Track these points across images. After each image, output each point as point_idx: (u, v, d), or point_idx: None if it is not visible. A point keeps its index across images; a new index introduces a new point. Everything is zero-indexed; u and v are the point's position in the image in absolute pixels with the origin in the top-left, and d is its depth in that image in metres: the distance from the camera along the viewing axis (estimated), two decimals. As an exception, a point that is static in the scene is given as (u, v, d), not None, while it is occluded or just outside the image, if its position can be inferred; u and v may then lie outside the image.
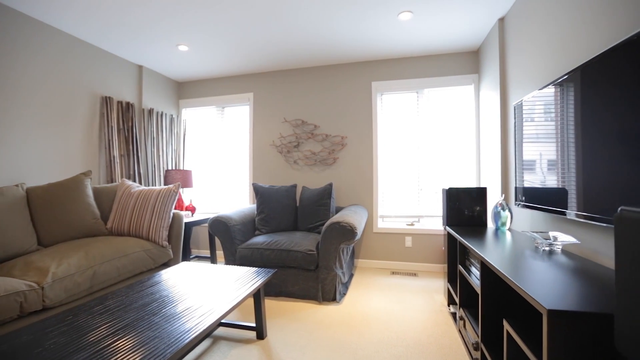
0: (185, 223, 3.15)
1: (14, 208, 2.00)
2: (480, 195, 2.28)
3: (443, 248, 3.22)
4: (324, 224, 2.85)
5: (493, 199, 2.71)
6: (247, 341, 1.84)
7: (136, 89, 3.49)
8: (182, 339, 1.10)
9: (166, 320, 1.24)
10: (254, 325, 1.91)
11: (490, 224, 2.81)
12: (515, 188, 2.04)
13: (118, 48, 3.08)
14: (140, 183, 3.33)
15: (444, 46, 3.09)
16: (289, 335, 1.91)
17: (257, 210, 3.02)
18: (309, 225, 2.98)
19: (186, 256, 3.40)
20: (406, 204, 3.41)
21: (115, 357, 0.98)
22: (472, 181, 3.22)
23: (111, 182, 3.04)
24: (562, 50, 1.69)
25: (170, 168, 3.78)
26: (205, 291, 1.58)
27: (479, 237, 1.84)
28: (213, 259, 3.35)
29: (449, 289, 2.26)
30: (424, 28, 2.72)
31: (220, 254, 3.90)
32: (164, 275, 1.85)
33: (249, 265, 2.58)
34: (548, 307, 0.85)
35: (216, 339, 1.86)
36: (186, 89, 4.09)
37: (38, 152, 2.52)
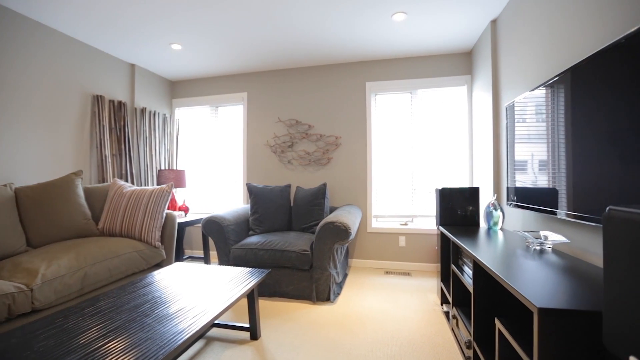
0: (179, 223, 3.12)
1: (1, 208, 1.96)
2: (473, 195, 2.31)
3: (436, 248, 3.25)
4: (318, 224, 2.85)
5: (485, 198, 2.74)
6: (241, 342, 1.83)
7: (128, 88, 3.44)
8: (175, 341, 1.09)
9: (159, 322, 1.23)
10: (247, 325, 1.90)
11: (483, 224, 2.84)
12: (507, 188, 2.07)
13: (111, 47, 3.04)
14: (132, 183, 3.29)
15: (438, 47, 3.11)
16: (283, 335, 1.91)
17: (251, 210, 3.01)
18: (303, 226, 2.98)
19: (179, 257, 3.37)
20: (400, 203, 3.43)
21: (106, 360, 0.97)
22: (465, 181, 3.25)
23: (103, 182, 3.00)
24: (553, 52, 1.72)
25: (163, 168, 3.75)
26: (199, 292, 1.57)
27: (471, 237, 1.86)
28: (206, 260, 3.33)
29: (442, 288, 2.28)
30: (417, 29, 2.74)
31: (213, 254, 3.87)
32: (157, 276, 1.83)
33: (243, 266, 2.56)
34: (539, 306, 0.86)
35: (210, 340, 1.85)
36: (179, 88, 4.05)
37: (27, 152, 2.47)
